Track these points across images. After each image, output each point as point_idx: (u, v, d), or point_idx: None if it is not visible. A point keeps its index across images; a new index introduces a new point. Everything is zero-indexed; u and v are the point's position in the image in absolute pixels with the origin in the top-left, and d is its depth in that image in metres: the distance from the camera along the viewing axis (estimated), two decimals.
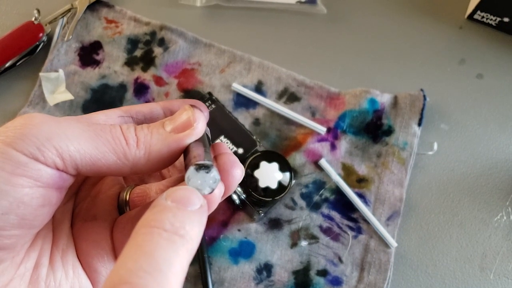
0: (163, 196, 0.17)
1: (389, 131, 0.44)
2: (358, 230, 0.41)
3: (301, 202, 0.41)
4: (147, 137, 0.19)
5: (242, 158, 0.39)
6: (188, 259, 0.16)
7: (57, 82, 0.44)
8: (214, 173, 0.18)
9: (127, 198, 0.24)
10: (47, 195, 0.18)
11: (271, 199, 0.37)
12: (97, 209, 0.23)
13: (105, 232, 0.22)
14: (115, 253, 0.22)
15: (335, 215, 0.41)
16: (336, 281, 0.39)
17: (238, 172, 0.21)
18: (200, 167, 0.18)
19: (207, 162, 0.18)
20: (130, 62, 0.46)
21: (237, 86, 0.45)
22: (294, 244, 0.40)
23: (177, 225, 0.16)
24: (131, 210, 0.23)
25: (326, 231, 0.40)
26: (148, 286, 0.14)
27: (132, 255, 0.15)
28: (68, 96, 0.43)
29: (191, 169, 0.18)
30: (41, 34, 0.45)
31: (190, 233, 0.16)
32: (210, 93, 0.42)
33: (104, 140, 0.18)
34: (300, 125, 0.44)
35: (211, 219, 0.40)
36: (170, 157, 0.20)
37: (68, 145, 0.17)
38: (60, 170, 0.18)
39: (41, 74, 0.44)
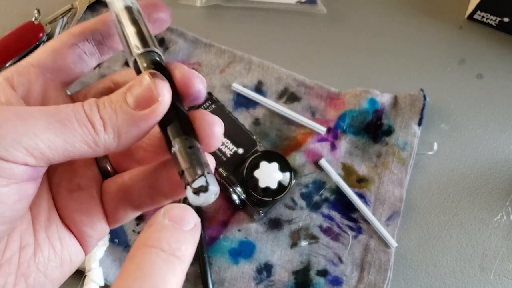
0: (160, 213, 0.18)
1: (389, 131, 0.44)
2: (358, 230, 0.41)
3: (301, 202, 0.41)
4: (113, 118, 0.18)
5: (242, 158, 0.39)
6: (182, 278, 0.17)
7: None
8: (213, 188, 0.18)
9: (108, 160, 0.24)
10: (22, 189, 0.18)
11: (271, 199, 0.37)
12: (80, 178, 0.23)
13: (95, 200, 0.22)
14: (108, 218, 0.23)
15: (335, 215, 0.41)
16: (336, 281, 0.39)
17: (218, 129, 0.21)
18: (198, 191, 0.18)
19: (202, 183, 0.18)
20: None
21: (237, 86, 0.45)
22: (294, 244, 0.40)
23: (173, 246, 0.17)
24: (118, 173, 0.23)
25: (326, 231, 0.40)
26: None
27: (132, 274, 0.16)
28: None
29: (191, 195, 0.18)
30: (41, 34, 0.45)
31: (185, 254, 0.17)
32: (210, 93, 0.42)
33: (72, 130, 0.18)
34: (300, 125, 0.44)
35: (211, 219, 0.40)
36: (142, 133, 0.19)
37: (37, 142, 0.17)
38: (32, 166, 0.18)
39: None
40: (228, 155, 0.39)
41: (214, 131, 0.20)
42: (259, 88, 0.45)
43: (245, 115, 0.44)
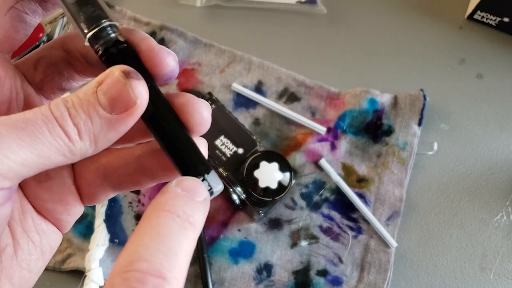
0: (173, 183, 0.18)
1: (389, 131, 0.44)
2: (358, 230, 0.41)
3: (301, 202, 0.41)
4: (88, 124, 0.17)
5: (242, 158, 0.39)
6: (194, 244, 0.17)
7: None
8: (217, 189, 0.19)
9: None
10: (1, 212, 0.17)
11: (271, 199, 0.37)
12: None
13: (67, 187, 0.22)
14: (84, 199, 0.22)
15: (335, 215, 0.41)
16: (336, 281, 0.39)
17: (206, 114, 0.20)
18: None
19: (207, 187, 0.18)
20: None
21: (237, 86, 0.45)
22: (294, 244, 0.40)
23: (188, 213, 0.17)
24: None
25: (326, 231, 0.40)
26: (163, 264, 0.15)
27: (149, 235, 0.16)
28: None
29: None
30: (41, 34, 0.45)
31: (197, 222, 0.17)
32: (210, 93, 0.42)
33: (45, 144, 0.17)
34: (300, 125, 0.44)
35: (211, 219, 0.40)
36: (121, 135, 0.18)
37: (10, 165, 0.16)
38: (7, 188, 0.17)
39: None
40: (228, 155, 0.39)
41: (203, 117, 0.19)
42: (259, 88, 0.45)
43: (245, 115, 0.44)
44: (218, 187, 0.19)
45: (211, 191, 0.19)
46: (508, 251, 0.41)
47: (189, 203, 0.17)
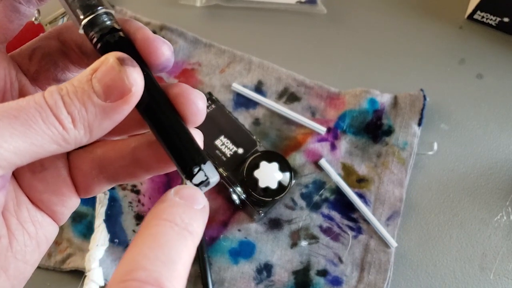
0: (171, 192, 0.18)
1: (389, 131, 0.44)
2: (358, 230, 0.41)
3: (301, 202, 0.41)
4: (82, 112, 0.17)
5: (242, 158, 0.39)
6: (194, 253, 0.17)
7: None
8: (213, 180, 0.19)
9: None
10: None
11: (271, 199, 0.37)
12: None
13: (62, 177, 0.21)
14: (80, 191, 0.22)
15: (335, 215, 0.41)
16: (336, 281, 0.39)
17: (201, 104, 0.19)
18: (199, 185, 0.19)
19: (202, 179, 0.18)
20: None
21: (237, 86, 0.45)
22: (294, 244, 0.40)
23: (186, 221, 0.17)
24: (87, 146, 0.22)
25: (326, 231, 0.40)
26: (162, 273, 0.15)
27: (148, 244, 0.16)
28: None
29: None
30: (41, 34, 0.45)
31: (196, 230, 0.17)
32: (210, 93, 0.42)
33: (39, 132, 0.16)
34: (300, 125, 0.44)
35: (211, 219, 0.40)
36: (116, 123, 0.18)
37: (2, 153, 0.16)
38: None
39: None
40: (228, 155, 0.39)
41: (198, 107, 0.19)
42: (259, 88, 0.45)
43: (245, 115, 0.44)
44: (215, 177, 0.19)
45: (207, 182, 0.18)
46: (508, 251, 0.41)
47: (187, 211, 0.17)
